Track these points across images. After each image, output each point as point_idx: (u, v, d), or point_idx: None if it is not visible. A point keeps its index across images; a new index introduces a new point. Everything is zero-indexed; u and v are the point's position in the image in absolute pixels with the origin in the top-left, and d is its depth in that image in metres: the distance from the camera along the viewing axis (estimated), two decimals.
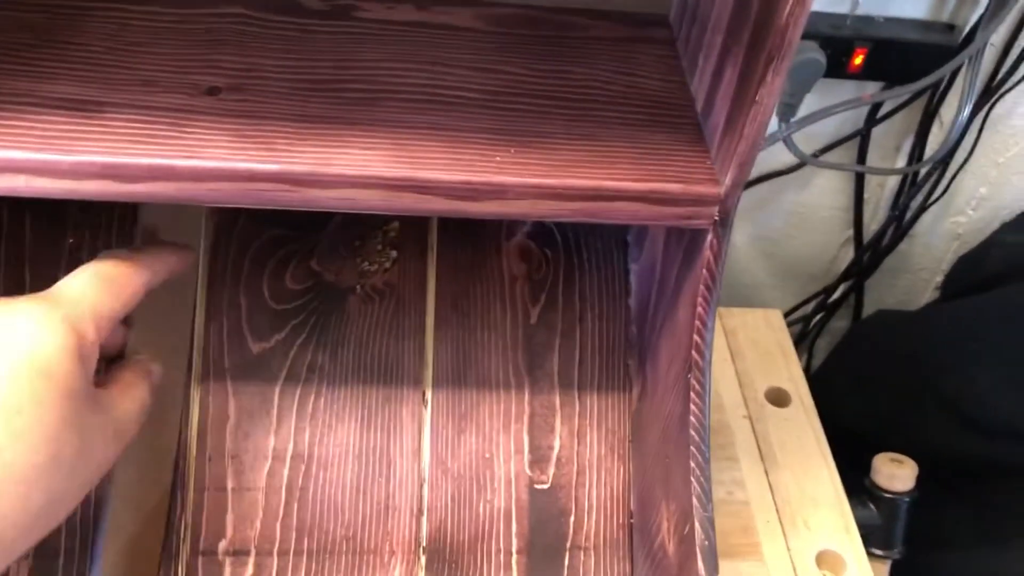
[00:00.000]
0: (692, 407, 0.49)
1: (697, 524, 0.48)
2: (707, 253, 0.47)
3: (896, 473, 0.75)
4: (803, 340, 1.13)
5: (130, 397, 0.46)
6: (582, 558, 0.59)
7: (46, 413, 0.38)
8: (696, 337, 0.48)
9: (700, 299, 0.48)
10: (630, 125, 0.49)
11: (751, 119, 0.42)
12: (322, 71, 0.49)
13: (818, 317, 1.11)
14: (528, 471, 0.60)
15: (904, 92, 0.85)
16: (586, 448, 0.60)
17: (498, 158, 0.45)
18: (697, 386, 0.48)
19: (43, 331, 0.40)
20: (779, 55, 0.40)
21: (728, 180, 0.44)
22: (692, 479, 0.48)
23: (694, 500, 0.48)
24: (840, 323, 1.14)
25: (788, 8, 0.38)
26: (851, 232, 1.03)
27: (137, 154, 0.43)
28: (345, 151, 0.44)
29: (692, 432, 0.48)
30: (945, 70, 0.82)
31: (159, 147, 0.43)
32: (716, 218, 0.46)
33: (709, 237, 0.47)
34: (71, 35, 0.49)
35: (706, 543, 0.47)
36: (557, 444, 0.60)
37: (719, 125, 0.46)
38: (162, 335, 0.56)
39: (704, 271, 0.47)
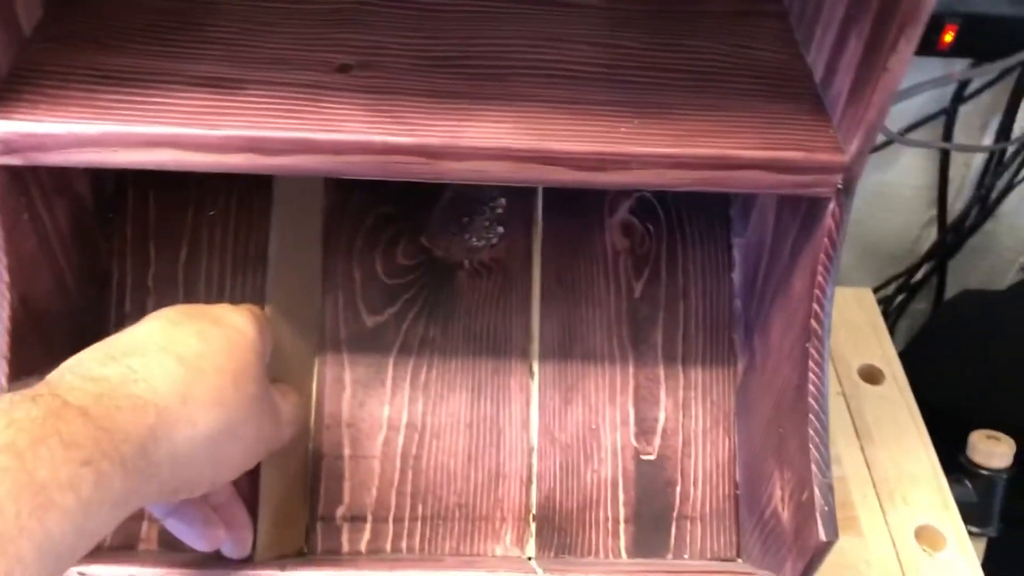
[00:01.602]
0: (811, 375, 0.49)
1: (816, 489, 0.48)
2: (829, 221, 0.47)
3: (994, 450, 0.75)
4: (884, 321, 1.12)
5: (287, 400, 0.51)
6: (688, 527, 0.60)
7: (251, 385, 0.45)
8: (815, 306, 0.49)
9: (820, 267, 0.48)
10: (749, 96, 0.49)
11: (881, 87, 0.42)
12: (447, 48, 0.50)
13: (900, 298, 1.10)
14: (634, 442, 0.61)
15: (994, 69, 0.85)
16: (691, 420, 0.61)
17: (623, 129, 0.46)
18: (816, 355, 0.49)
19: (250, 322, 0.47)
20: (911, 21, 0.40)
21: (854, 147, 0.45)
22: (811, 446, 0.49)
23: (813, 466, 0.49)
24: (921, 304, 1.13)
25: None
26: (935, 212, 1.02)
27: (279, 128, 0.44)
28: (475, 124, 0.46)
29: (811, 400, 0.49)
30: None
31: (299, 121, 0.45)
32: (839, 186, 0.47)
33: (831, 205, 0.47)
34: (207, 18, 0.50)
35: (825, 508, 0.48)
36: (662, 416, 0.61)
37: (842, 94, 0.46)
38: (292, 309, 0.58)
39: (825, 240, 0.48)
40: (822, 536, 0.48)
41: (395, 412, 0.60)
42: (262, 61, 0.48)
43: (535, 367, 0.61)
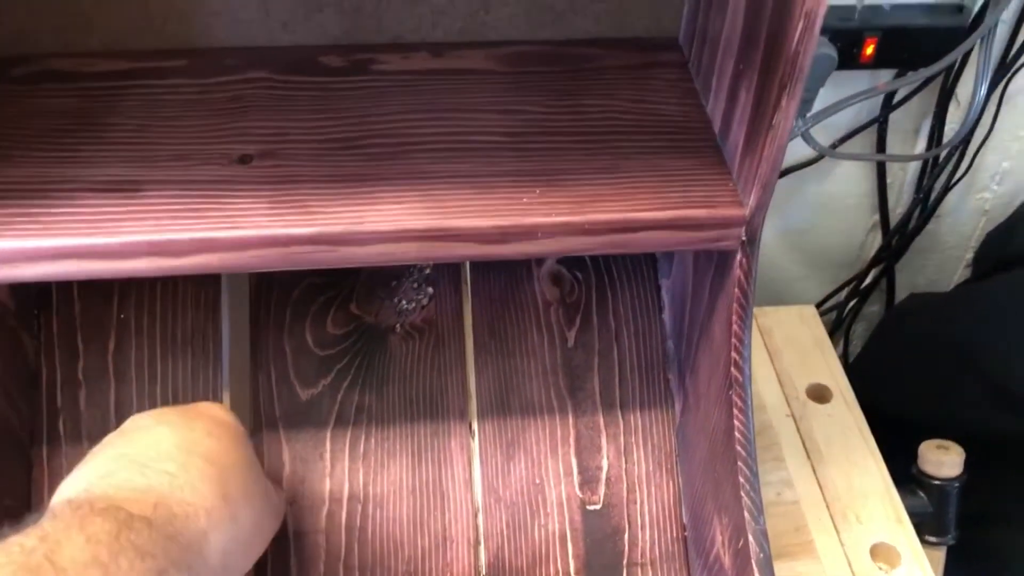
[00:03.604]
0: (736, 423, 0.49)
1: (751, 538, 0.49)
2: (737, 272, 0.48)
3: (943, 459, 0.76)
4: (838, 329, 1.13)
5: (277, 491, 0.52)
6: (639, 574, 0.60)
7: (260, 479, 0.47)
8: (734, 354, 0.49)
9: (735, 317, 0.49)
10: (650, 153, 0.50)
11: (769, 142, 0.43)
12: (348, 129, 0.50)
13: (851, 304, 1.11)
14: (579, 493, 0.61)
15: (918, 78, 0.86)
16: (634, 465, 0.61)
17: (525, 200, 0.47)
18: (739, 402, 0.49)
19: (233, 416, 0.48)
20: (791, 81, 0.40)
21: (752, 202, 0.45)
22: (742, 493, 0.49)
23: (745, 514, 0.49)
24: (873, 308, 1.14)
25: (797, 36, 0.39)
26: (877, 217, 1.03)
27: (180, 229, 0.44)
28: (377, 207, 0.46)
29: (738, 447, 0.49)
30: (957, 52, 0.82)
31: (200, 221, 0.45)
32: (743, 238, 0.47)
33: (738, 257, 0.48)
34: (105, 116, 0.51)
35: (761, 556, 0.48)
36: (605, 464, 0.61)
37: (738, 147, 0.47)
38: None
39: (736, 290, 0.48)
40: None
41: (336, 485, 0.59)
42: (162, 159, 0.48)
43: (474, 425, 0.61)
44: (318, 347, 0.61)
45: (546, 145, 0.50)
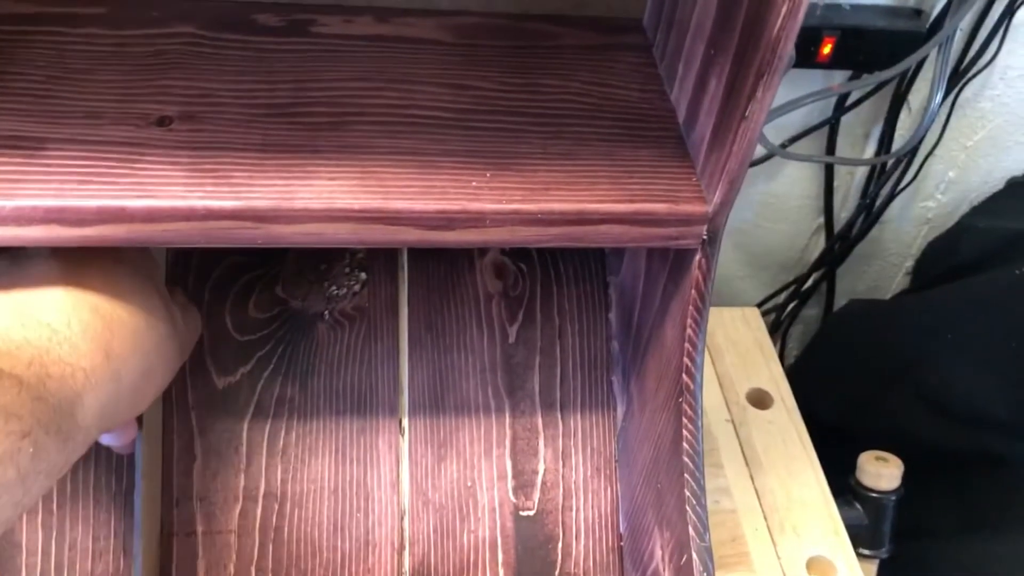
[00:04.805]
0: (685, 432, 0.46)
1: (694, 555, 0.46)
2: (695, 273, 0.45)
3: (882, 472, 0.74)
4: (776, 330, 1.11)
5: (187, 315, 0.50)
6: None
7: (161, 324, 0.44)
8: (686, 360, 0.46)
9: (690, 320, 0.46)
10: (609, 140, 0.46)
11: (740, 135, 0.40)
12: (281, 94, 0.46)
13: (791, 307, 1.09)
14: (512, 497, 0.57)
15: (873, 80, 0.84)
16: (571, 470, 0.58)
17: (474, 183, 0.43)
18: (689, 411, 0.46)
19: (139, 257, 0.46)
20: (770, 69, 0.37)
21: (717, 198, 0.42)
22: (687, 507, 0.46)
23: (690, 530, 0.46)
24: (812, 311, 1.13)
25: (780, 20, 0.36)
26: (822, 220, 1.02)
27: (84, 195, 0.39)
28: (309, 182, 0.41)
29: (686, 459, 0.46)
30: (915, 57, 0.80)
31: (108, 187, 0.40)
32: (704, 237, 0.44)
33: (697, 257, 0.44)
34: (5, 64, 0.45)
35: (704, 574, 0.46)
36: (541, 468, 0.58)
37: (704, 138, 0.44)
38: None
39: (692, 291, 0.45)
40: None
41: (251, 481, 0.55)
42: (69, 115, 0.43)
43: (405, 423, 0.57)
44: (238, 332, 0.56)
45: (497, 125, 0.46)
